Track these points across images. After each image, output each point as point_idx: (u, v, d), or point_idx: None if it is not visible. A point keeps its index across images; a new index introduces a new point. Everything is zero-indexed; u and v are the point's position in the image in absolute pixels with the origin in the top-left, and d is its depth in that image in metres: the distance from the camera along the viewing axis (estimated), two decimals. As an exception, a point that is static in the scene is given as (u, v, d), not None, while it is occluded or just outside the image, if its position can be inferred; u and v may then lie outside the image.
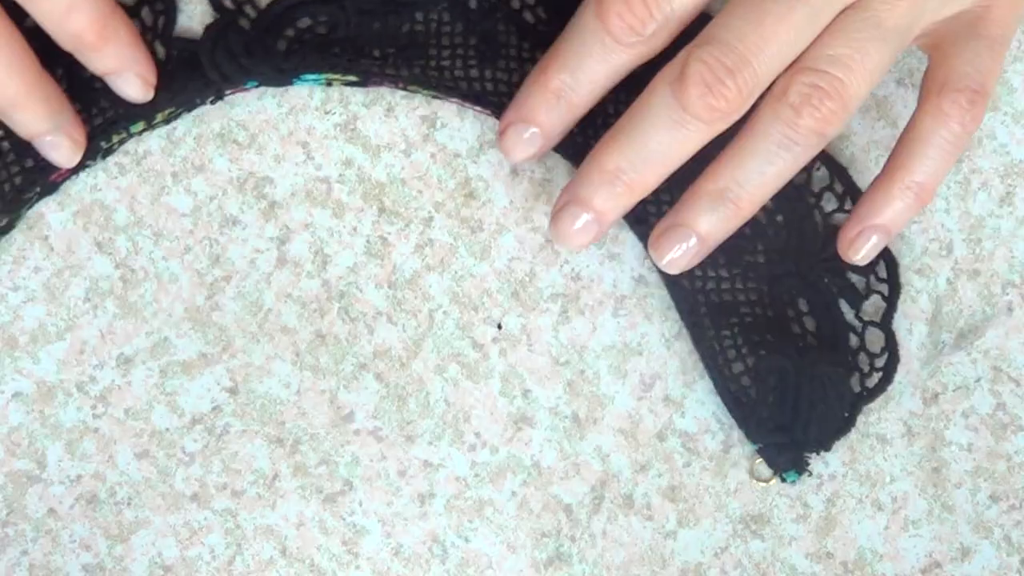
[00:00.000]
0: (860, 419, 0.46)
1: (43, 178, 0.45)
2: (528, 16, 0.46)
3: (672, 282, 0.46)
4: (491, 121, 0.47)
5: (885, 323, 0.46)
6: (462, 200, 0.47)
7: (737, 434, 0.46)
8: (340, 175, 0.47)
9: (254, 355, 0.46)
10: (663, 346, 0.46)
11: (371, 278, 0.47)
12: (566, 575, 0.45)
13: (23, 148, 0.45)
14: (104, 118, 0.46)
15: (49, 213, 0.46)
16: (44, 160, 0.45)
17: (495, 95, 0.46)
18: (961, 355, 0.47)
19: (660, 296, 0.47)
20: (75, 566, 0.45)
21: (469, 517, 0.46)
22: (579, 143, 0.45)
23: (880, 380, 0.45)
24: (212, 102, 0.46)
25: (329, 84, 0.46)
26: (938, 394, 0.46)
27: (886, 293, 0.46)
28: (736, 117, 0.41)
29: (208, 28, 0.46)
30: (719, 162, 0.43)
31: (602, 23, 0.42)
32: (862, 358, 0.46)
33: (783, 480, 0.45)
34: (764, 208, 0.45)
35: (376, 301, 0.47)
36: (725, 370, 0.45)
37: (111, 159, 0.47)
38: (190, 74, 0.46)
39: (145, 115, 0.46)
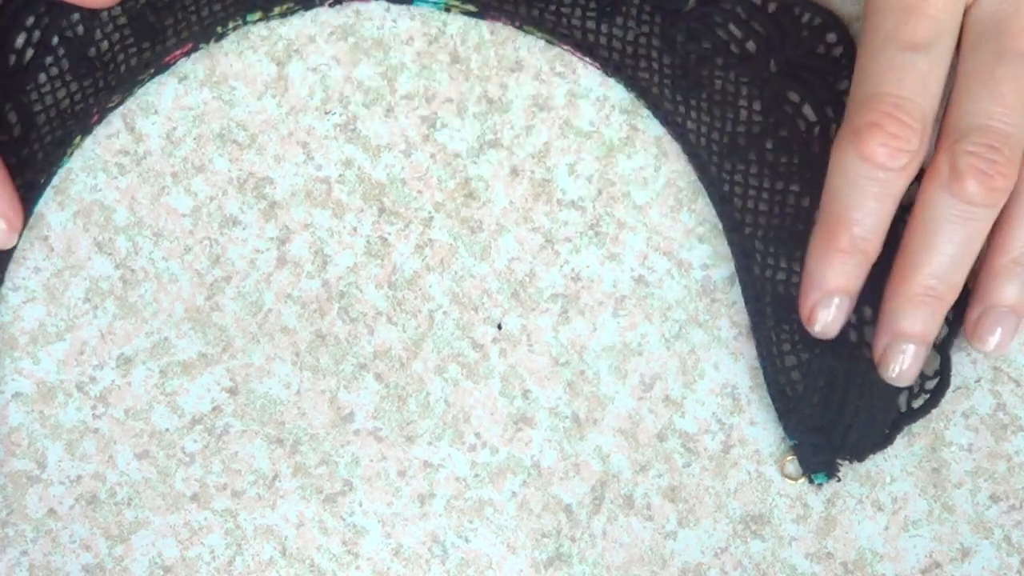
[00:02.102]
0: (860, 419, 0.46)
1: (157, 60, 0.46)
2: None
3: (742, 266, 0.46)
4: (491, 121, 0.47)
5: (944, 347, 0.45)
6: (462, 200, 0.47)
7: (737, 434, 0.46)
8: (340, 175, 0.47)
9: (254, 355, 0.46)
10: (663, 346, 0.46)
11: (371, 278, 0.47)
12: (566, 575, 0.45)
13: (141, 32, 0.46)
14: (223, 4, 0.46)
15: (49, 213, 0.46)
16: (162, 40, 0.45)
17: (607, 49, 0.46)
18: (961, 355, 0.47)
19: (660, 296, 0.47)
20: (75, 566, 0.45)
21: (469, 517, 0.46)
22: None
23: (926, 402, 0.45)
24: (331, 5, 0.46)
25: (447, 10, 0.46)
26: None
27: (950, 318, 0.45)
28: (1012, 187, 0.42)
29: None
30: (1003, 233, 0.43)
31: (871, 162, 0.42)
32: None
33: (811, 481, 0.45)
34: None
35: (376, 301, 0.47)
36: (777, 361, 0.45)
37: (111, 159, 0.47)
38: None
39: (263, 6, 0.46)
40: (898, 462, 0.46)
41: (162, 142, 0.47)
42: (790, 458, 0.46)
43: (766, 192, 0.46)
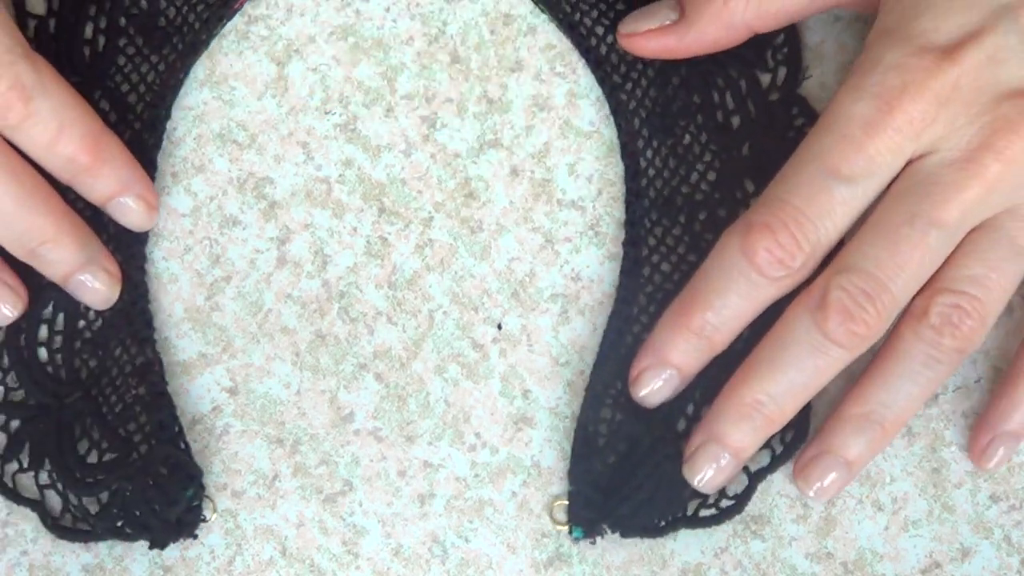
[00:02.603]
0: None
1: (228, 6, 0.47)
2: None
3: (617, 298, 0.46)
4: (491, 121, 0.47)
5: (756, 476, 0.45)
6: (462, 200, 0.47)
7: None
8: (340, 175, 0.47)
9: (254, 355, 0.46)
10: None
11: (371, 278, 0.47)
12: (566, 575, 0.45)
13: None
14: None
15: (49, 213, 0.46)
16: None
17: (603, 56, 0.47)
18: (961, 355, 0.47)
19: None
20: (75, 566, 0.45)
21: (469, 517, 0.46)
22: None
23: (713, 516, 0.44)
24: None
25: None
26: (938, 394, 0.46)
27: (776, 452, 0.45)
28: (875, 340, 0.42)
29: None
30: (862, 386, 0.43)
31: (748, 259, 0.42)
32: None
33: (569, 532, 0.45)
34: None
35: (376, 301, 0.47)
36: (594, 407, 0.45)
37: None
38: None
39: None
40: (898, 462, 0.46)
41: (162, 142, 0.47)
42: (560, 502, 0.45)
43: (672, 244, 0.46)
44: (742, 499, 0.45)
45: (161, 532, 0.43)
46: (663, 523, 0.44)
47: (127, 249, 0.45)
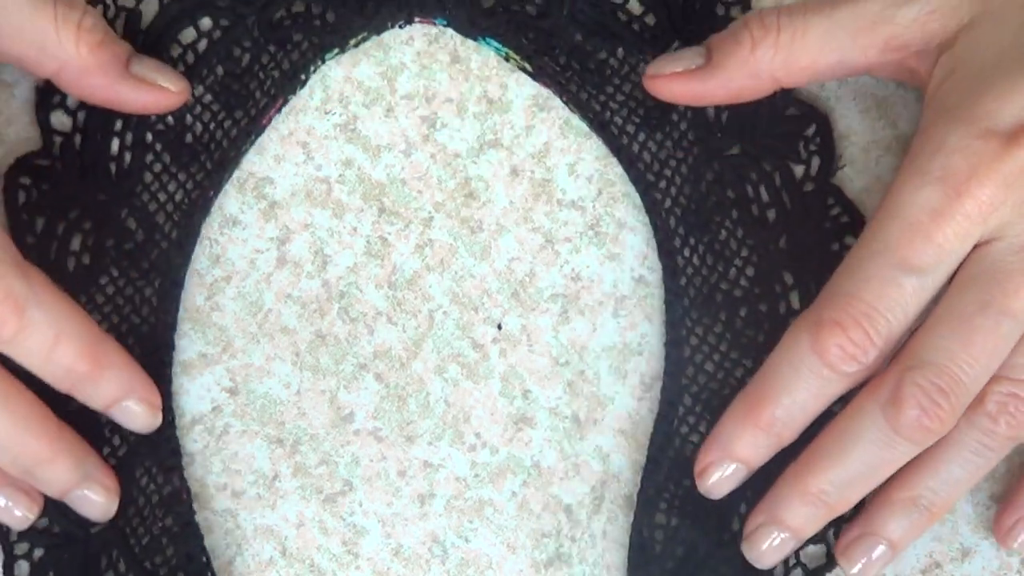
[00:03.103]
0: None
1: (255, 124, 0.46)
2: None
3: (658, 418, 0.45)
4: (491, 121, 0.47)
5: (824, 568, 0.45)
6: (462, 200, 0.47)
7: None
8: (340, 175, 0.47)
9: (254, 355, 0.46)
10: (663, 346, 0.46)
11: (371, 278, 0.47)
12: (566, 575, 0.45)
13: (230, 103, 0.46)
14: (299, 51, 0.46)
15: (49, 213, 0.46)
16: (253, 104, 0.45)
17: (636, 157, 0.46)
18: (961, 355, 0.47)
19: (660, 296, 0.47)
20: None
21: (469, 517, 0.46)
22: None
23: None
24: (401, 26, 0.47)
25: (506, 59, 0.47)
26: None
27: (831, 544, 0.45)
28: (944, 433, 0.41)
29: None
30: (911, 469, 0.42)
31: (820, 356, 0.41)
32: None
33: None
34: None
35: (376, 301, 0.47)
36: (650, 513, 0.44)
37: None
38: None
39: (339, 42, 0.46)
40: (898, 462, 0.46)
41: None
42: None
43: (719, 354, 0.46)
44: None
45: None
46: None
47: (152, 377, 0.44)
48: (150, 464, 0.44)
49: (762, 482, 0.44)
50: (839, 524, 0.44)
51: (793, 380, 0.42)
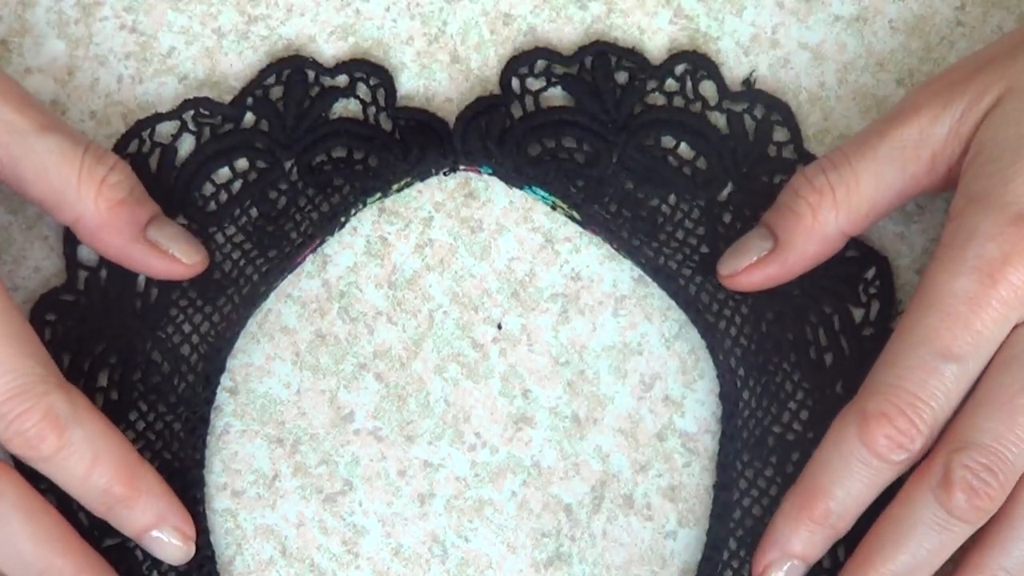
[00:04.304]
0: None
1: (288, 262, 0.45)
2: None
3: (707, 543, 0.45)
4: (491, 121, 0.47)
5: None
6: (462, 200, 0.47)
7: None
8: (340, 175, 0.47)
9: (254, 355, 0.46)
10: (663, 346, 0.46)
11: (371, 278, 0.47)
12: (566, 575, 0.45)
13: (262, 243, 0.45)
14: (340, 195, 0.45)
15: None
16: (288, 243, 0.45)
17: (692, 297, 0.45)
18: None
19: (660, 296, 0.47)
20: (75, 566, 0.45)
21: (469, 517, 0.46)
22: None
23: None
24: (446, 174, 0.46)
25: (553, 208, 0.46)
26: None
27: None
28: (995, 510, 0.41)
29: (472, 104, 0.46)
30: (981, 552, 0.42)
31: (868, 447, 0.42)
32: None
33: None
34: None
35: (376, 301, 0.47)
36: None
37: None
38: (425, 143, 0.45)
39: (382, 187, 0.45)
40: (898, 462, 0.46)
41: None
42: None
43: (766, 418, 0.45)
44: None
45: None
46: None
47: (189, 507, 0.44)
48: None
49: None
50: None
51: (844, 472, 0.42)
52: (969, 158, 0.42)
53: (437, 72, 0.48)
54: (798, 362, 0.45)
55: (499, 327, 0.47)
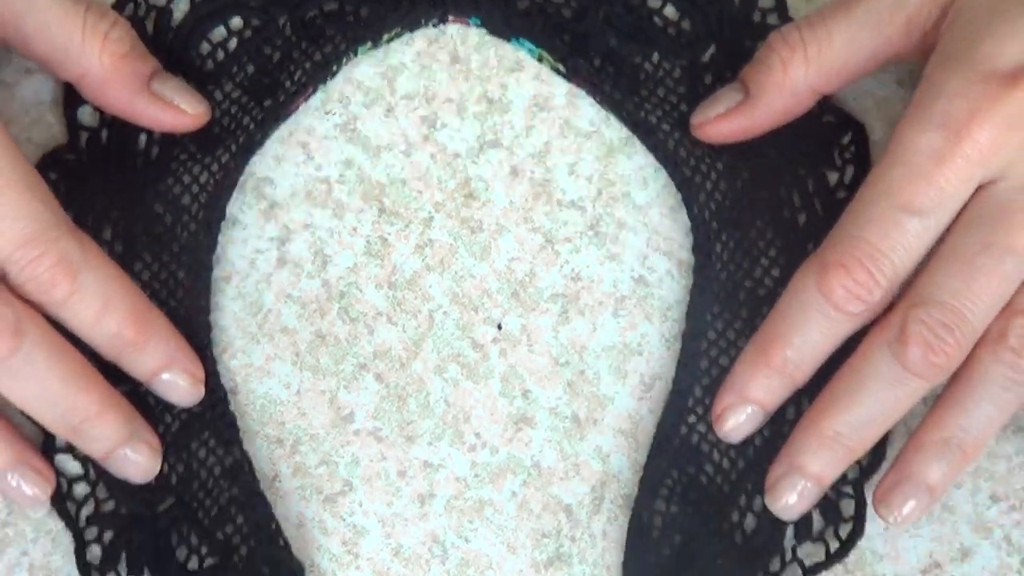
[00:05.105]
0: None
1: (283, 111, 0.46)
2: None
3: (667, 406, 0.45)
4: (491, 121, 0.47)
5: (857, 489, 0.45)
6: (462, 200, 0.47)
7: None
8: (340, 175, 0.47)
9: (254, 355, 0.46)
10: (663, 346, 0.46)
11: (371, 278, 0.47)
12: (566, 575, 0.45)
13: (258, 93, 0.46)
14: (332, 44, 0.46)
15: (49, 213, 0.46)
16: (282, 92, 0.46)
17: (672, 151, 0.46)
18: (961, 355, 0.47)
19: (660, 296, 0.47)
20: (75, 567, 0.45)
21: (469, 517, 0.46)
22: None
23: (836, 551, 0.45)
24: (435, 24, 0.47)
25: (540, 60, 0.47)
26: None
27: (864, 464, 0.45)
28: (953, 369, 0.42)
29: None
30: (942, 411, 0.43)
31: (826, 297, 0.42)
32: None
33: None
34: None
35: (376, 301, 0.47)
36: (651, 497, 0.44)
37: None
38: None
39: (372, 37, 0.46)
40: (898, 462, 0.46)
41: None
42: None
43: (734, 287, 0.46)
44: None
45: None
46: None
47: (198, 352, 0.45)
48: (207, 437, 0.45)
49: (764, 473, 0.44)
50: (836, 523, 0.45)
51: (802, 321, 0.43)
52: (947, 23, 0.43)
53: (437, 72, 0.48)
54: (771, 220, 0.46)
55: (499, 327, 0.47)
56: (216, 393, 0.45)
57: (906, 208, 0.41)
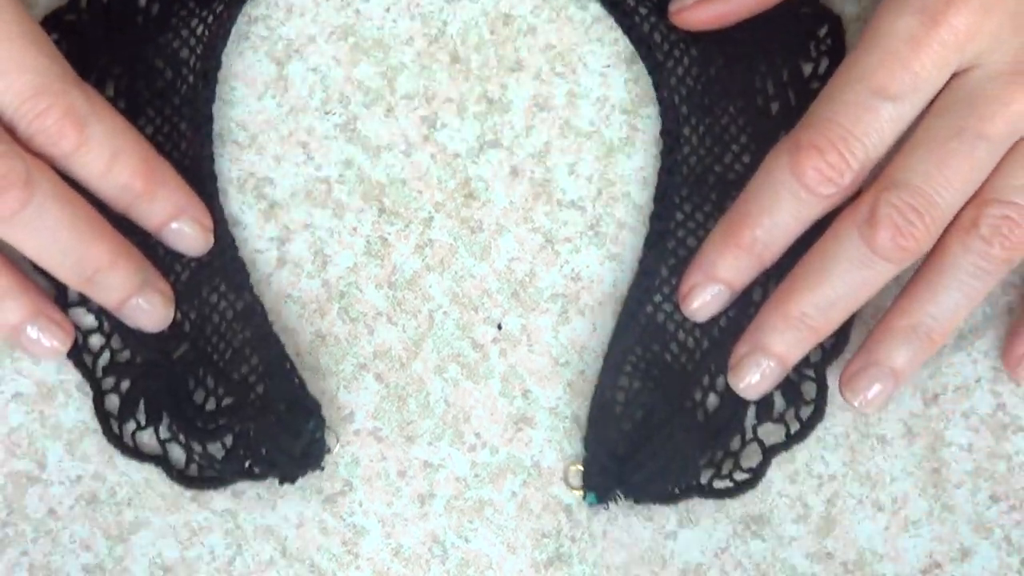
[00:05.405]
0: (860, 420, 0.46)
1: None
2: None
3: (634, 284, 0.46)
4: (491, 121, 0.47)
5: (818, 372, 0.45)
6: (462, 200, 0.47)
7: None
8: (340, 175, 0.47)
9: (254, 355, 0.46)
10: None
11: (371, 278, 0.47)
12: (566, 575, 0.45)
13: None
14: None
15: (49, 213, 0.46)
16: None
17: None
18: (961, 355, 0.47)
19: (660, 296, 0.47)
20: (75, 566, 0.45)
21: (469, 517, 0.46)
22: None
23: (797, 432, 0.45)
24: None
25: None
26: (938, 394, 0.46)
27: (827, 347, 0.45)
28: (922, 254, 0.42)
29: None
30: (909, 296, 0.43)
31: (797, 178, 0.42)
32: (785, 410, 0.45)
33: (584, 497, 0.45)
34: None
35: (376, 301, 0.47)
36: (614, 374, 0.45)
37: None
38: None
39: None
40: (898, 462, 0.46)
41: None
42: (577, 467, 0.45)
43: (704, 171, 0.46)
44: (757, 472, 0.45)
45: (288, 467, 0.44)
46: (677, 491, 0.44)
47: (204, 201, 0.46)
48: (218, 283, 0.45)
49: (728, 354, 0.45)
50: (798, 405, 0.45)
51: (772, 202, 0.43)
52: None
53: (437, 72, 0.48)
54: (744, 108, 0.46)
55: (499, 327, 0.47)
56: (224, 240, 0.45)
57: (880, 93, 0.41)
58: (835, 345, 0.45)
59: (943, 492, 0.46)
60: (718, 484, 0.45)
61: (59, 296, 0.45)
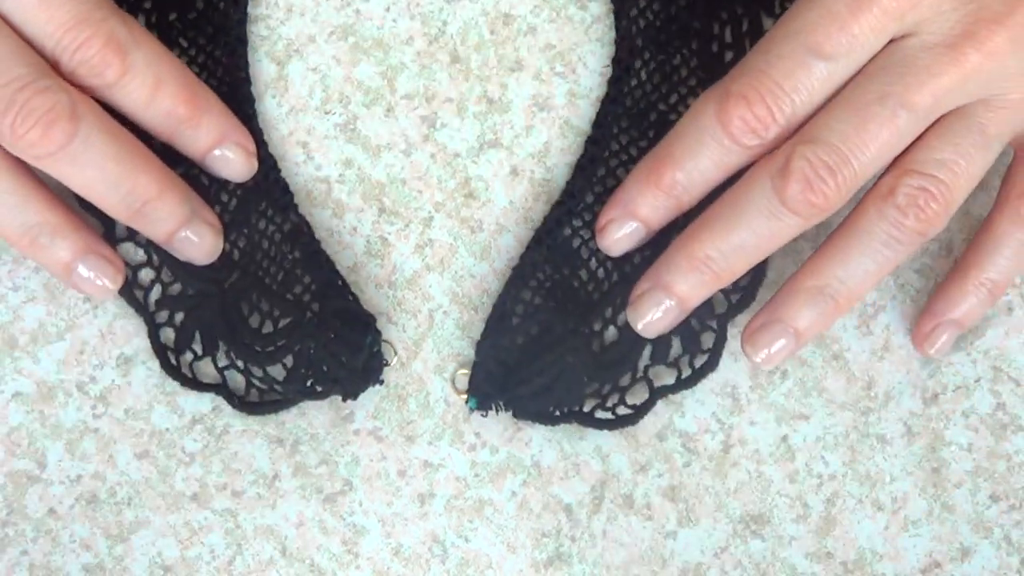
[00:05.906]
0: (860, 419, 0.46)
1: None
2: None
3: (556, 203, 0.46)
4: (491, 121, 0.47)
5: (720, 322, 0.45)
6: (462, 200, 0.47)
7: (737, 434, 0.46)
8: (340, 175, 0.47)
9: (254, 355, 0.46)
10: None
11: (371, 278, 0.47)
12: (566, 575, 0.45)
13: None
14: None
15: (49, 213, 0.46)
16: None
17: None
18: (961, 355, 0.47)
19: (660, 296, 0.47)
20: (75, 566, 0.45)
21: (469, 517, 0.46)
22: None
23: (688, 377, 0.45)
24: None
25: None
26: (938, 394, 0.47)
27: (733, 301, 0.45)
28: (831, 213, 0.42)
29: None
30: (820, 258, 0.43)
31: (723, 126, 0.42)
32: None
33: (466, 402, 0.45)
34: None
35: (376, 301, 0.47)
36: (519, 285, 0.45)
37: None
38: None
39: None
40: (898, 462, 0.46)
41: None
42: (464, 371, 0.46)
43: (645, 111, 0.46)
44: (640, 410, 0.45)
45: (350, 383, 0.44)
46: (558, 413, 0.45)
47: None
48: (265, 207, 0.45)
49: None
50: (694, 353, 0.45)
51: (696, 147, 0.43)
52: None
53: (437, 72, 0.48)
54: (699, 50, 0.47)
55: (499, 327, 0.47)
56: (267, 163, 0.45)
57: (815, 51, 0.42)
58: (741, 300, 0.45)
59: (943, 492, 0.46)
60: (600, 415, 0.45)
61: (107, 233, 0.45)
